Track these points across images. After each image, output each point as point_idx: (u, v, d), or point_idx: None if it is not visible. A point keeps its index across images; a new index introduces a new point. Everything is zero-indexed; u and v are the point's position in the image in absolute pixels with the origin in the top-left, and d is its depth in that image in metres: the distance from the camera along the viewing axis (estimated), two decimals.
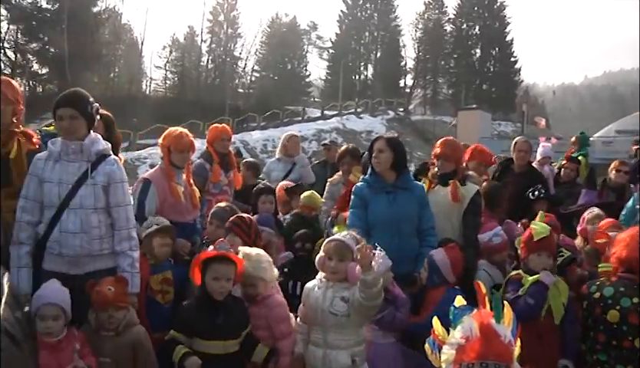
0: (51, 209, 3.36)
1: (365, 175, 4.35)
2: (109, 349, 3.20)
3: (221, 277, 3.25)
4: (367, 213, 4.16)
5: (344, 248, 3.28)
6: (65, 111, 3.37)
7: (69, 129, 3.38)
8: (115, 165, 3.51)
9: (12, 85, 3.60)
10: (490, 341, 2.14)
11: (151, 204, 4.22)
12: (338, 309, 3.23)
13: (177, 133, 4.56)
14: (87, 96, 3.48)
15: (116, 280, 3.31)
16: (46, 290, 3.14)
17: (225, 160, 5.61)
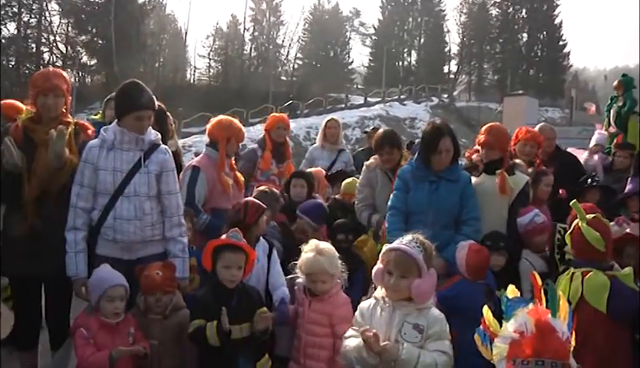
0: (105, 196, 3.44)
1: (413, 158, 4.22)
2: (156, 331, 3.28)
3: (232, 265, 3.23)
4: (406, 196, 4.08)
5: (407, 262, 2.66)
6: (146, 113, 3.49)
7: (144, 131, 3.50)
8: (167, 155, 3.60)
9: (64, 77, 3.68)
10: (547, 338, 2.06)
11: (201, 191, 4.27)
12: (409, 338, 2.62)
13: (237, 126, 4.58)
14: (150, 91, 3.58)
15: (164, 265, 3.39)
16: (107, 273, 3.23)
17: (280, 150, 5.57)
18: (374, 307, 2.76)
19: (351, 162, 6.54)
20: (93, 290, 3.21)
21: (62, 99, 3.59)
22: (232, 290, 3.24)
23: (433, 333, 2.63)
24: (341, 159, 6.44)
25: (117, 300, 3.16)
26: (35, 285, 3.57)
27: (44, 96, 3.51)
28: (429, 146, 4.03)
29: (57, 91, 3.55)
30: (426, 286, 2.66)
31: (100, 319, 3.14)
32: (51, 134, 3.39)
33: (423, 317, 2.65)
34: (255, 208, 3.76)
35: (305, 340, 3.33)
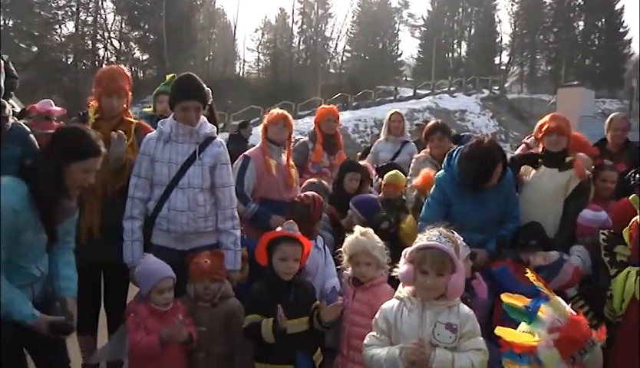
0: (160, 187, 3.55)
1: (450, 166, 3.93)
2: (205, 318, 3.34)
3: (288, 257, 3.23)
4: (446, 209, 3.90)
5: (443, 259, 2.58)
6: (192, 103, 3.53)
7: (193, 121, 3.55)
8: (221, 147, 3.65)
9: (127, 76, 3.79)
10: (578, 318, 2.03)
11: (250, 180, 4.32)
12: (443, 339, 2.53)
13: (272, 111, 4.64)
14: (201, 82, 3.63)
15: (212, 253, 3.45)
16: (156, 266, 3.31)
17: (330, 142, 5.55)
18: (398, 309, 2.64)
19: (415, 153, 6.44)
20: (143, 281, 3.30)
21: (124, 99, 3.73)
22: (288, 284, 3.25)
23: (467, 332, 2.55)
24: (406, 150, 6.29)
25: (165, 292, 3.24)
26: (95, 272, 3.72)
27: (109, 97, 3.65)
28: (481, 177, 3.80)
29: (121, 92, 3.69)
30: (460, 280, 2.60)
31: (150, 306, 3.23)
32: (112, 136, 3.53)
33: (454, 315, 2.57)
34: (320, 202, 3.84)
35: (349, 330, 3.29)
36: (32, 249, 2.84)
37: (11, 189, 2.70)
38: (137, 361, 3.26)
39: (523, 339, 2.24)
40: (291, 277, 3.26)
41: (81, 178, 2.88)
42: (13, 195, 2.68)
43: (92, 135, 2.96)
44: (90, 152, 2.89)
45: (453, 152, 3.94)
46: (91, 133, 2.97)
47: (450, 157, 3.97)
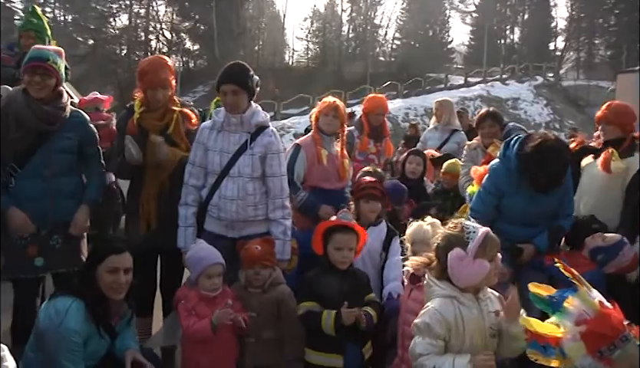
0: (213, 176, 3.60)
1: (506, 156, 3.74)
2: (255, 304, 3.38)
3: (343, 246, 3.28)
4: (497, 201, 3.76)
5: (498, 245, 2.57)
6: (228, 87, 3.54)
7: (232, 105, 3.56)
8: (272, 137, 3.66)
9: (170, 67, 3.84)
10: (610, 311, 1.93)
11: (300, 169, 4.35)
12: (495, 327, 2.56)
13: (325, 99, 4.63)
14: (248, 69, 3.64)
15: (263, 240, 3.48)
16: (206, 252, 3.37)
17: (376, 130, 5.56)
18: (455, 308, 2.51)
19: (464, 142, 6.33)
20: (193, 267, 3.37)
21: (169, 89, 3.78)
22: (343, 274, 3.28)
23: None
24: (454, 139, 6.24)
25: (214, 277, 3.29)
26: (152, 257, 3.82)
27: (154, 90, 3.71)
28: (552, 181, 3.54)
29: (165, 84, 3.74)
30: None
31: (200, 292, 3.29)
32: (153, 139, 3.61)
33: (492, 301, 2.59)
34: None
35: (403, 329, 3.19)
36: (97, 352, 2.93)
37: (70, 312, 2.80)
38: (190, 346, 3.33)
39: (548, 330, 2.18)
40: (347, 266, 3.29)
41: (110, 279, 2.90)
42: (70, 318, 2.78)
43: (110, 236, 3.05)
44: (108, 252, 2.95)
45: (510, 142, 3.74)
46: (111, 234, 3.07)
47: (506, 147, 3.77)
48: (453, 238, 2.53)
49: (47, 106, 3.48)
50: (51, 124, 3.49)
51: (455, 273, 2.50)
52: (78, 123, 3.64)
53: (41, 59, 3.46)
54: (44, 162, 3.50)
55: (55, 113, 3.51)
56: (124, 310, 3.09)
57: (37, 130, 3.47)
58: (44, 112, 3.46)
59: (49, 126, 3.49)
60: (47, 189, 3.52)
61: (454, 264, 2.48)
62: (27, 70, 3.46)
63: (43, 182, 3.50)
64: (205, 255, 3.34)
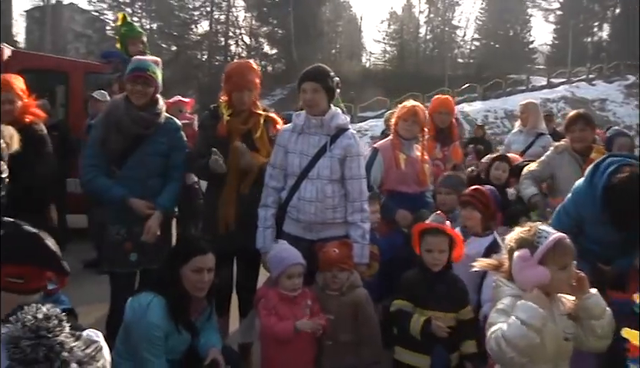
0: (292, 178, 3.64)
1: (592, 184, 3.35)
2: (333, 307, 3.39)
3: (433, 248, 3.28)
4: (576, 224, 3.45)
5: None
6: (308, 85, 3.57)
7: (311, 102, 3.57)
8: (352, 139, 3.64)
9: (256, 70, 3.91)
10: None
11: (376, 172, 4.32)
12: (570, 330, 2.43)
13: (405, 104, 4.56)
14: (328, 70, 3.66)
15: (341, 243, 3.47)
16: (287, 252, 3.40)
17: (443, 133, 5.32)
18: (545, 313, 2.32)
19: (549, 144, 5.99)
20: (274, 267, 3.40)
21: (254, 92, 3.84)
22: (439, 276, 3.28)
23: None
24: (539, 143, 5.91)
25: (294, 277, 3.32)
26: (229, 258, 3.88)
27: (239, 92, 3.77)
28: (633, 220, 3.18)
29: (251, 86, 3.80)
30: None
31: (280, 292, 3.33)
32: (236, 147, 3.68)
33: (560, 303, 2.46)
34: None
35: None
36: (177, 346, 3.04)
37: (151, 307, 2.92)
38: (269, 344, 3.37)
39: None
40: (439, 268, 3.28)
41: (195, 278, 3.01)
42: (152, 313, 2.90)
43: (196, 235, 3.11)
44: (193, 252, 3.05)
45: (601, 165, 3.37)
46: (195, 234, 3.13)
47: (594, 171, 3.39)
48: (523, 241, 2.44)
49: (143, 112, 3.68)
50: (146, 129, 3.68)
51: (515, 273, 2.42)
52: (170, 129, 3.81)
53: (141, 69, 3.68)
54: (139, 164, 3.69)
55: (151, 118, 3.70)
56: (203, 307, 3.18)
57: (133, 134, 3.66)
58: (141, 117, 3.66)
59: (144, 131, 3.68)
60: (141, 190, 3.69)
61: (516, 265, 2.41)
62: (129, 80, 3.69)
63: (138, 182, 3.68)
64: (286, 255, 3.37)
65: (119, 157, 3.68)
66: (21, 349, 1.59)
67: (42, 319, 1.65)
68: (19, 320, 1.65)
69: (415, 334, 3.16)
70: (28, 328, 1.61)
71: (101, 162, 3.70)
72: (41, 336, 1.61)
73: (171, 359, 3.02)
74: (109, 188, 3.67)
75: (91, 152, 3.74)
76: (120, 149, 3.66)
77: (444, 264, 3.31)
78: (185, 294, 3.02)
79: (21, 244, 2.06)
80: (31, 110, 3.95)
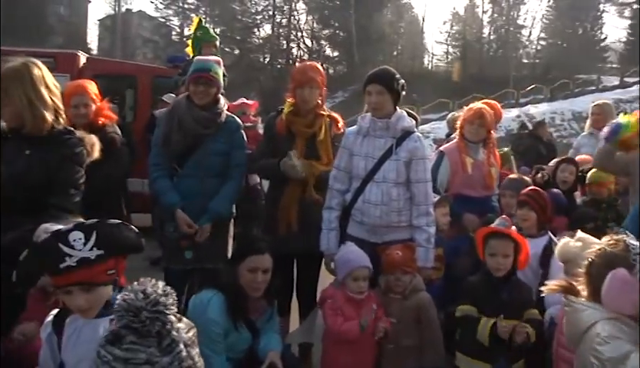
0: (357, 180, 3.63)
1: None
2: (395, 310, 3.36)
3: (497, 253, 3.21)
4: None
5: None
6: (373, 87, 3.56)
7: (376, 105, 3.56)
8: (418, 142, 3.61)
9: (319, 70, 3.94)
10: None
11: (443, 176, 4.27)
12: None
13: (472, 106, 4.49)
14: (394, 72, 3.64)
15: (404, 245, 3.45)
16: (353, 254, 3.38)
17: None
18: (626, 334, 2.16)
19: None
20: (340, 268, 3.40)
21: (317, 90, 3.84)
22: (504, 282, 3.21)
23: None
24: None
25: (360, 280, 3.30)
26: (289, 260, 3.92)
27: (301, 88, 3.80)
28: None
29: (313, 83, 3.80)
30: None
31: (346, 293, 3.32)
32: (289, 155, 3.69)
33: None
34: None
35: (557, 352, 2.89)
36: (237, 344, 3.09)
37: (211, 304, 3.00)
38: (331, 345, 3.38)
39: None
40: (502, 273, 3.22)
41: (249, 277, 3.06)
42: (211, 309, 2.97)
43: (254, 235, 3.17)
44: (249, 251, 3.10)
45: None
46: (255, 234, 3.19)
47: None
48: (615, 258, 2.24)
49: (205, 111, 3.75)
50: (207, 128, 3.75)
51: (613, 296, 2.20)
52: (231, 129, 3.87)
53: (203, 70, 3.74)
54: (199, 163, 3.76)
55: (212, 118, 3.77)
56: (264, 307, 3.21)
57: (194, 133, 3.73)
58: (202, 117, 3.73)
59: (205, 130, 3.75)
60: (201, 189, 3.76)
61: (614, 286, 2.19)
62: (192, 80, 3.77)
63: (198, 181, 3.75)
64: (353, 258, 3.36)
65: (180, 156, 3.76)
66: (141, 320, 1.58)
67: (161, 294, 1.64)
68: (137, 290, 1.65)
69: (483, 340, 3.09)
70: (150, 300, 1.60)
71: (164, 161, 3.79)
72: (159, 312, 1.61)
73: (232, 358, 3.06)
74: (164, 192, 3.76)
75: (155, 152, 3.85)
76: (182, 147, 3.74)
77: (509, 270, 3.24)
78: (242, 292, 3.07)
79: (116, 237, 2.16)
80: (103, 112, 4.13)
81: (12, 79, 2.78)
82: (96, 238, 2.09)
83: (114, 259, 2.15)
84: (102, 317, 2.16)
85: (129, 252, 2.22)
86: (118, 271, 2.19)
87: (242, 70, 45.74)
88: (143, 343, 1.57)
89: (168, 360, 1.61)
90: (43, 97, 2.82)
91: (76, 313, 2.18)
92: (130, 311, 1.59)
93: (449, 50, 59.52)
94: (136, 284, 1.63)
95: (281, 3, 53.19)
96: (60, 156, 2.86)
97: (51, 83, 2.91)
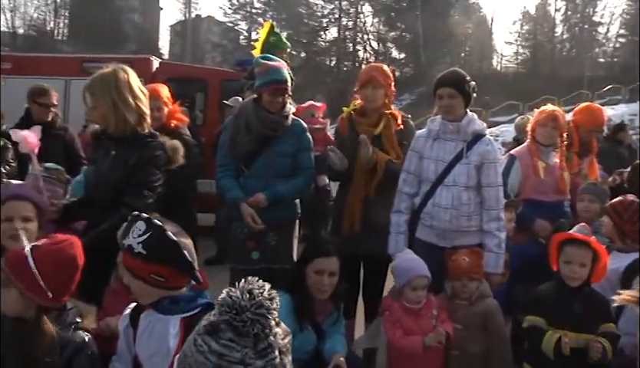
0: (427, 184, 3.60)
1: None
2: (461, 316, 3.31)
3: (573, 260, 3.04)
4: None
5: None
6: (445, 90, 3.53)
7: (448, 108, 3.54)
8: (489, 146, 3.56)
9: (383, 70, 3.94)
10: None
11: (514, 180, 4.18)
12: None
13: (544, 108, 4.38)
14: (465, 75, 3.61)
15: (471, 251, 3.39)
16: (412, 263, 3.34)
17: (584, 146, 4.84)
18: None
19: None
20: (398, 276, 3.36)
21: (381, 90, 3.84)
22: (576, 293, 3.05)
23: None
24: None
25: (419, 289, 3.26)
26: (355, 263, 3.92)
27: (364, 88, 3.83)
28: None
29: (375, 83, 3.81)
30: None
31: (404, 304, 3.28)
32: (360, 139, 3.70)
33: None
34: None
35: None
36: (303, 345, 3.10)
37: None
38: (396, 353, 3.34)
39: None
40: (576, 283, 3.05)
41: (315, 279, 3.10)
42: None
43: (322, 237, 3.15)
44: (317, 254, 3.13)
45: None
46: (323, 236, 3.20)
47: None
48: None
49: (272, 114, 3.79)
50: (274, 131, 3.80)
51: None
52: (297, 131, 3.90)
53: (281, 82, 3.76)
54: (266, 164, 3.80)
55: (279, 120, 3.81)
56: (330, 309, 3.23)
57: (262, 135, 3.79)
58: (270, 119, 3.78)
59: (273, 132, 3.80)
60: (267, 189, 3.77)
61: None
62: (269, 91, 3.76)
63: (265, 182, 3.78)
64: (411, 266, 3.32)
65: (247, 157, 3.81)
66: (242, 320, 1.61)
67: (267, 297, 1.67)
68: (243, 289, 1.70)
69: (549, 353, 2.96)
70: (255, 302, 1.64)
71: (231, 162, 3.85)
72: (262, 314, 1.64)
73: (298, 359, 3.09)
74: (230, 189, 3.80)
75: (222, 153, 3.91)
76: (249, 149, 3.79)
77: (584, 280, 3.07)
78: (309, 293, 3.11)
79: (163, 248, 2.21)
80: (176, 115, 4.26)
81: (100, 83, 3.06)
82: (146, 238, 2.19)
83: (162, 267, 2.21)
84: (172, 314, 2.25)
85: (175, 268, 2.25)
86: (169, 281, 2.24)
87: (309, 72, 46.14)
88: (240, 342, 1.60)
89: (261, 364, 1.63)
90: (127, 101, 3.05)
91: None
92: (233, 309, 1.62)
93: (518, 51, 57.97)
94: (244, 283, 1.66)
95: (347, 6, 53.30)
96: (139, 157, 3.05)
97: (137, 88, 3.14)
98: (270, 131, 3.78)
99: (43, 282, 2.21)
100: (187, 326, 2.16)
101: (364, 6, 53.57)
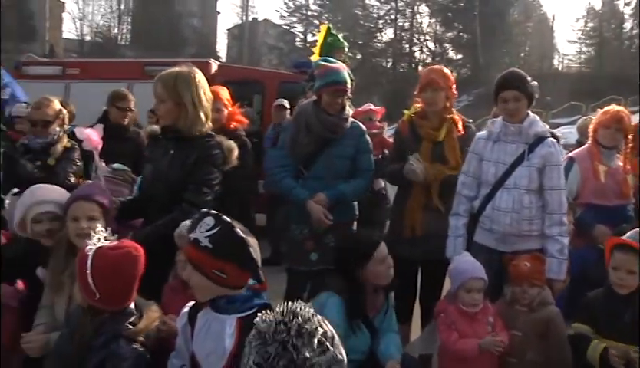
0: (486, 187, 3.55)
1: None
2: (520, 323, 3.23)
3: (620, 267, 2.95)
4: None
5: None
6: (509, 93, 3.48)
7: (513, 111, 3.48)
8: (552, 148, 3.49)
9: (443, 73, 3.90)
10: None
11: (572, 184, 4.04)
12: None
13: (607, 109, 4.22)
14: (525, 75, 3.55)
15: (533, 256, 3.30)
16: (468, 264, 3.29)
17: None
18: None
19: None
20: (453, 279, 3.32)
21: (441, 93, 3.80)
22: (627, 300, 2.96)
23: None
24: None
25: (474, 292, 3.21)
26: (413, 266, 3.90)
27: (424, 91, 3.81)
28: None
29: (434, 85, 3.79)
30: None
31: (459, 307, 3.24)
32: (410, 159, 3.69)
33: None
34: None
35: None
36: (357, 345, 3.09)
37: (328, 306, 3.04)
38: (449, 359, 3.31)
39: None
40: (625, 291, 2.95)
41: (380, 269, 3.14)
42: (328, 311, 2.96)
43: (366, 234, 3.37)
44: (372, 247, 3.15)
45: None
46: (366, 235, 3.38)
47: None
48: None
49: (331, 116, 3.83)
50: (334, 133, 3.83)
51: None
52: (356, 133, 3.92)
53: (340, 83, 3.80)
54: (326, 166, 3.84)
55: (339, 123, 3.84)
56: (381, 303, 3.24)
57: (322, 137, 3.83)
58: (330, 122, 3.82)
59: (332, 135, 3.83)
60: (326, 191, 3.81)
61: None
62: (330, 92, 3.81)
63: (323, 183, 3.82)
64: (467, 268, 3.27)
65: (307, 159, 3.85)
66: (267, 352, 1.67)
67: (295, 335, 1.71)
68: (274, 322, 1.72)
69: (594, 363, 2.87)
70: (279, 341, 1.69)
71: (290, 163, 3.89)
72: (287, 350, 1.68)
73: (353, 360, 3.09)
74: (293, 188, 3.82)
75: (281, 154, 3.96)
76: (309, 151, 3.83)
77: (635, 288, 2.96)
78: (361, 291, 3.11)
79: (230, 244, 2.25)
80: (235, 117, 4.35)
81: (182, 80, 3.16)
82: (214, 233, 2.22)
83: (227, 264, 2.24)
84: (228, 313, 2.29)
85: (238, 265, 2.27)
86: (230, 279, 2.26)
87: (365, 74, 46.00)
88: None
89: None
90: (203, 101, 3.19)
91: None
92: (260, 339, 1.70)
93: (582, 49, 56.04)
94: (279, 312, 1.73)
95: (403, 7, 52.98)
96: (197, 156, 3.15)
97: (207, 89, 3.28)
98: (329, 133, 3.82)
99: (93, 283, 2.29)
100: (243, 327, 2.18)
101: (421, 6, 53.15)
